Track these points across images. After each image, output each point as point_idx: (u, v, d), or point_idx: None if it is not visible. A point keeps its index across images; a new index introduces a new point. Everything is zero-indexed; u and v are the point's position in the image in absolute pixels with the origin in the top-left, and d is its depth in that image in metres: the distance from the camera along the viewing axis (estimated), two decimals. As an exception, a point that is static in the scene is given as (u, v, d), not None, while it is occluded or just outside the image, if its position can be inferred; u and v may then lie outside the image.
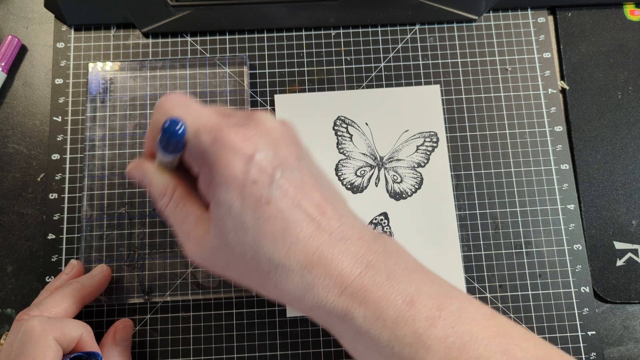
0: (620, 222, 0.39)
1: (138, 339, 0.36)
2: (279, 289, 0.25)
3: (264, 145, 0.24)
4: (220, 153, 0.23)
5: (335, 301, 0.24)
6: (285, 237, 0.23)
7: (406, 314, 0.23)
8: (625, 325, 0.38)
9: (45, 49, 0.42)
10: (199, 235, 0.26)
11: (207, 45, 0.42)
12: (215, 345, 0.36)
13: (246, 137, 0.24)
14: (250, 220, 0.23)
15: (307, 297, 0.24)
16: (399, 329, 0.23)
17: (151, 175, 0.28)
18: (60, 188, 0.39)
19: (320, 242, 0.24)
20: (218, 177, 0.23)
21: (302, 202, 0.24)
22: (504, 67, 0.42)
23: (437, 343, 0.23)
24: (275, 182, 0.24)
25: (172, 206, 0.27)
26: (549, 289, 0.38)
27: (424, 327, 0.23)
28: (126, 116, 0.40)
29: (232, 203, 0.23)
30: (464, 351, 0.22)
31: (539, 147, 0.40)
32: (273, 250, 0.24)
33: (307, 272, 0.24)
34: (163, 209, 0.28)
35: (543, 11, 0.43)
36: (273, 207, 0.23)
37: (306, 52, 0.42)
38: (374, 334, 0.23)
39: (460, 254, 0.38)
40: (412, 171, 0.40)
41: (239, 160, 0.23)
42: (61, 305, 0.31)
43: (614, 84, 0.41)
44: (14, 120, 0.41)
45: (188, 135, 0.24)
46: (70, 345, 0.29)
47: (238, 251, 0.24)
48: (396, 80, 0.41)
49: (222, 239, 0.24)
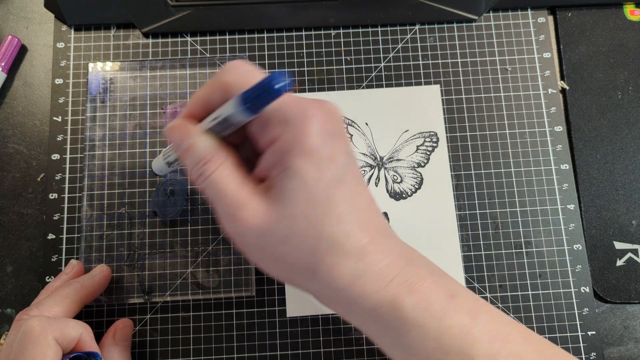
0: (620, 222, 0.39)
1: (138, 339, 0.36)
2: (331, 272, 0.24)
3: (340, 129, 0.25)
4: (305, 124, 0.23)
5: (385, 289, 0.24)
6: (349, 220, 0.24)
7: (450, 306, 0.24)
8: (625, 325, 0.38)
9: (45, 49, 0.42)
10: (254, 207, 0.24)
11: (207, 45, 0.42)
12: (215, 345, 0.36)
13: (328, 116, 0.24)
14: (322, 197, 0.23)
15: (358, 284, 0.24)
16: (446, 319, 0.24)
17: (196, 137, 0.25)
18: (60, 188, 0.39)
19: (372, 232, 0.24)
20: (299, 146, 0.23)
21: (363, 190, 0.25)
22: (504, 67, 0.42)
23: (481, 335, 0.24)
24: (348, 166, 0.24)
25: (220, 174, 0.25)
26: (549, 289, 0.38)
27: (467, 319, 0.24)
28: (126, 116, 0.40)
29: (308, 175, 0.23)
30: (507, 344, 0.24)
31: (539, 147, 0.40)
32: (336, 230, 0.23)
33: (361, 258, 0.24)
34: (206, 176, 0.25)
35: (543, 11, 0.43)
36: (345, 188, 0.24)
37: (306, 52, 0.42)
38: (422, 323, 0.24)
39: (460, 254, 0.38)
40: (412, 171, 0.40)
41: (322, 136, 0.23)
42: (61, 305, 0.31)
43: (614, 84, 0.41)
44: (14, 120, 0.41)
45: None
46: (70, 345, 0.29)
47: (300, 226, 0.23)
48: (396, 80, 0.41)
49: (287, 212, 0.23)
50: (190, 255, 0.38)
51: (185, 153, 0.25)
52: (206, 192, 0.25)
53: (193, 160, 0.25)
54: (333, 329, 0.37)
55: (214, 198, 0.25)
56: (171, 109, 0.40)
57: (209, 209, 0.38)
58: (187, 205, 0.38)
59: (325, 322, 0.37)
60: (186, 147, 0.25)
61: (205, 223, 0.38)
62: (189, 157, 0.25)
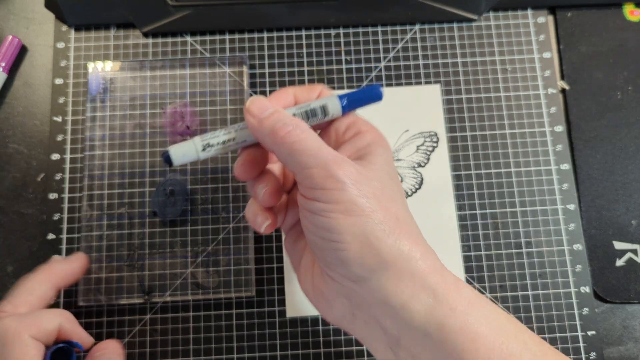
0: (620, 222, 0.39)
1: (138, 339, 0.36)
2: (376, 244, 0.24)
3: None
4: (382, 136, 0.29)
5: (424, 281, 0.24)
6: (394, 207, 0.25)
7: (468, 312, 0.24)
8: (625, 325, 0.38)
9: (45, 49, 0.42)
10: (350, 163, 0.25)
11: (207, 45, 0.42)
12: (215, 345, 0.36)
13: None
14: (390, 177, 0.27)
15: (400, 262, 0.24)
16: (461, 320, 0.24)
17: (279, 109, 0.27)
18: (60, 188, 0.39)
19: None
20: (379, 139, 0.28)
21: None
22: (504, 67, 0.42)
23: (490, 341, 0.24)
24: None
25: (312, 134, 0.26)
26: (549, 289, 0.38)
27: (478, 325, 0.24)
28: (126, 116, 0.40)
29: (389, 160, 0.27)
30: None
31: (539, 147, 0.40)
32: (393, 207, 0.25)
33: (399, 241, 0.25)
34: (295, 137, 0.25)
35: (543, 11, 0.43)
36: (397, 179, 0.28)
37: (306, 52, 0.42)
38: (445, 321, 0.24)
39: (460, 254, 0.38)
40: (412, 171, 0.40)
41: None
42: (34, 293, 0.30)
43: (614, 84, 0.41)
44: (14, 120, 0.41)
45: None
46: (51, 338, 0.28)
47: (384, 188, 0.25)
48: (396, 80, 0.41)
49: (378, 174, 0.26)
50: (190, 255, 0.38)
51: (269, 119, 0.26)
52: (291, 156, 0.25)
53: (278, 123, 0.26)
54: (333, 329, 0.37)
55: (303, 160, 0.25)
56: (171, 109, 0.40)
57: (209, 209, 0.38)
58: (187, 205, 0.38)
59: (325, 322, 0.37)
60: (271, 113, 0.26)
61: (205, 223, 0.38)
62: (272, 121, 0.26)
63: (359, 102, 0.29)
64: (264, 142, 0.27)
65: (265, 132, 0.26)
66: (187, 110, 0.40)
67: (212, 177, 0.39)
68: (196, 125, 0.40)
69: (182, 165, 0.39)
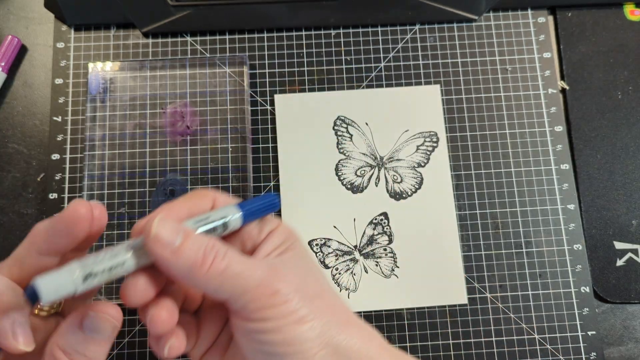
0: (620, 222, 0.39)
1: (138, 339, 0.36)
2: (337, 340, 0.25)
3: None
4: (280, 220, 0.28)
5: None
6: (331, 297, 0.26)
7: None
8: (625, 325, 0.38)
9: (45, 49, 0.42)
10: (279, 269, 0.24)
11: (207, 45, 0.42)
12: (215, 345, 0.36)
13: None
14: (315, 265, 0.27)
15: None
16: None
17: (191, 233, 0.23)
18: (60, 188, 0.39)
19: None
20: (290, 231, 0.27)
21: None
22: (504, 67, 0.42)
23: None
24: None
25: (234, 255, 0.23)
26: (549, 289, 0.38)
27: None
28: (126, 116, 0.40)
29: (306, 248, 0.29)
30: None
31: (539, 147, 0.40)
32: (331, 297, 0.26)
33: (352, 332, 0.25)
34: (221, 265, 0.22)
35: (543, 11, 0.43)
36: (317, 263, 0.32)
37: (306, 52, 0.42)
38: None
39: (460, 254, 0.38)
40: (412, 171, 0.40)
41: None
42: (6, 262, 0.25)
43: (614, 84, 0.41)
44: (14, 120, 0.41)
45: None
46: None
47: (317, 280, 0.26)
48: (396, 80, 0.41)
49: (309, 265, 0.26)
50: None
51: (184, 249, 0.22)
52: (223, 286, 0.22)
53: (199, 252, 0.22)
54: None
55: (239, 285, 0.23)
56: (171, 109, 0.40)
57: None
58: (187, 205, 0.38)
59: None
60: (183, 239, 0.22)
61: (205, 223, 0.38)
62: (191, 252, 0.22)
63: (258, 213, 0.26)
64: (178, 275, 0.22)
65: (183, 267, 0.22)
66: (187, 110, 0.40)
67: (212, 177, 0.39)
68: (196, 125, 0.40)
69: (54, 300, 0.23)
